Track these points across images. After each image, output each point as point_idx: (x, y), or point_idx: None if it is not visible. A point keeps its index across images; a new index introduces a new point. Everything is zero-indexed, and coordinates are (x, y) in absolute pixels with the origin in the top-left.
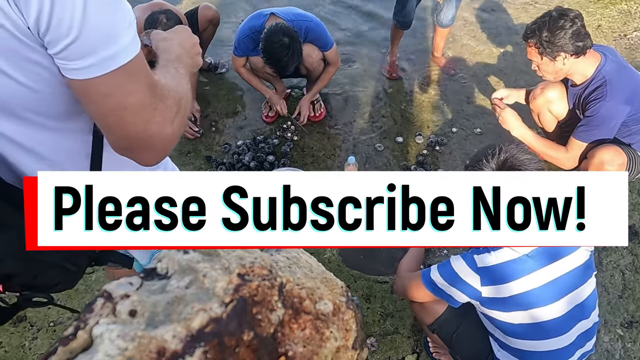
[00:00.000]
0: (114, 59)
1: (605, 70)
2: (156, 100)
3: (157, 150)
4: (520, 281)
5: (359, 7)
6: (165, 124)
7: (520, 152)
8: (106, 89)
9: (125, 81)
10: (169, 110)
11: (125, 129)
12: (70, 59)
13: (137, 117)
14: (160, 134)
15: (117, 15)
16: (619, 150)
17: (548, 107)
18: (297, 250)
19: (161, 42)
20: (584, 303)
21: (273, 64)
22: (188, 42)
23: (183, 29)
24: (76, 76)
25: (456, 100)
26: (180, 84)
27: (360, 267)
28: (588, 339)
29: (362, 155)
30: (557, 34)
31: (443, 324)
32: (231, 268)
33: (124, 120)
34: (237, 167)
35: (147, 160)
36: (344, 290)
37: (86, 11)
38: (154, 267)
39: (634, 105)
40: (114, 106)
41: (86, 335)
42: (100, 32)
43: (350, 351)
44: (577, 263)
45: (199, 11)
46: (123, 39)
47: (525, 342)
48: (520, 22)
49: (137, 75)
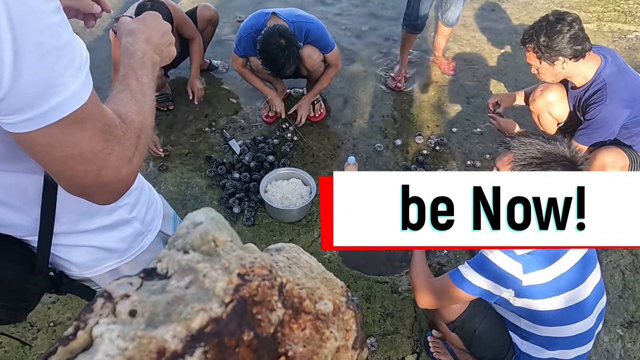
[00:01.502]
0: (55, 111)
1: (605, 73)
2: (111, 144)
3: (113, 192)
4: (557, 264)
5: (359, 7)
6: (122, 167)
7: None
8: (48, 140)
9: (71, 131)
10: (127, 150)
11: (75, 178)
12: (4, 114)
13: (89, 165)
14: (117, 178)
15: (60, 62)
16: (621, 153)
17: (548, 109)
18: (297, 250)
19: (124, 38)
20: (599, 284)
21: (269, 66)
22: (156, 35)
23: (152, 16)
24: (13, 130)
25: (456, 100)
26: (142, 104)
27: (360, 267)
28: (601, 320)
29: (362, 155)
30: (555, 38)
31: (466, 320)
32: (231, 268)
33: (72, 170)
34: (237, 167)
35: (102, 202)
36: (344, 290)
37: (17, 65)
38: (154, 267)
39: (634, 108)
40: (59, 157)
41: (86, 335)
42: (36, 85)
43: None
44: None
45: (198, 11)
46: (68, 87)
47: (556, 329)
48: (520, 21)
49: (87, 122)
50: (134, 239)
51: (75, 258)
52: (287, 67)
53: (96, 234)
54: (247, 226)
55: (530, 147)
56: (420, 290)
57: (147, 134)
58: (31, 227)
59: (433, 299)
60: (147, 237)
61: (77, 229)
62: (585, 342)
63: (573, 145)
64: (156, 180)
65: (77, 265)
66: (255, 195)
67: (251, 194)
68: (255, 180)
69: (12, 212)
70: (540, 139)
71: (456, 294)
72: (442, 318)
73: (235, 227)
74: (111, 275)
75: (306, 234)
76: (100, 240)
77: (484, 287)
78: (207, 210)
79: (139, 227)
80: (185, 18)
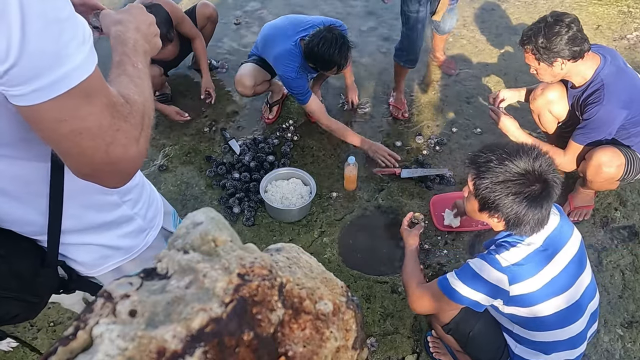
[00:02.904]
0: (63, 81)
1: (603, 73)
2: (118, 121)
3: (123, 173)
4: (541, 274)
5: (359, 7)
6: (130, 145)
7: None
8: (57, 114)
9: (78, 104)
10: (134, 129)
11: (85, 156)
12: (11, 85)
13: (97, 141)
14: (126, 156)
15: (65, 34)
16: (617, 152)
17: (548, 107)
18: (297, 250)
19: (113, 27)
20: (589, 286)
21: (336, 61)
22: (144, 24)
23: (137, 8)
24: (22, 102)
25: (456, 100)
26: (142, 87)
27: (360, 267)
28: (594, 321)
29: (362, 155)
30: (553, 40)
31: (460, 323)
32: (231, 268)
33: (81, 147)
34: (237, 167)
35: (112, 185)
36: (344, 290)
37: (25, 33)
38: (154, 267)
39: (632, 109)
40: (68, 132)
41: (86, 335)
42: (43, 54)
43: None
44: (575, 248)
45: (197, 8)
46: (73, 58)
47: (548, 333)
48: (521, 21)
49: (93, 96)
50: (137, 235)
51: (81, 257)
52: (344, 57)
53: (101, 231)
54: (247, 226)
55: (488, 174)
56: (412, 296)
57: (150, 116)
58: (36, 221)
59: (424, 307)
60: (150, 233)
61: (82, 225)
62: (579, 344)
63: (543, 158)
64: (156, 180)
65: (84, 264)
66: (255, 195)
67: (251, 194)
68: (255, 180)
69: (15, 204)
70: (499, 154)
71: (445, 303)
72: (437, 320)
73: (235, 227)
74: (115, 274)
75: (306, 234)
76: (105, 238)
77: (471, 298)
78: (207, 210)
79: (142, 223)
80: (184, 16)
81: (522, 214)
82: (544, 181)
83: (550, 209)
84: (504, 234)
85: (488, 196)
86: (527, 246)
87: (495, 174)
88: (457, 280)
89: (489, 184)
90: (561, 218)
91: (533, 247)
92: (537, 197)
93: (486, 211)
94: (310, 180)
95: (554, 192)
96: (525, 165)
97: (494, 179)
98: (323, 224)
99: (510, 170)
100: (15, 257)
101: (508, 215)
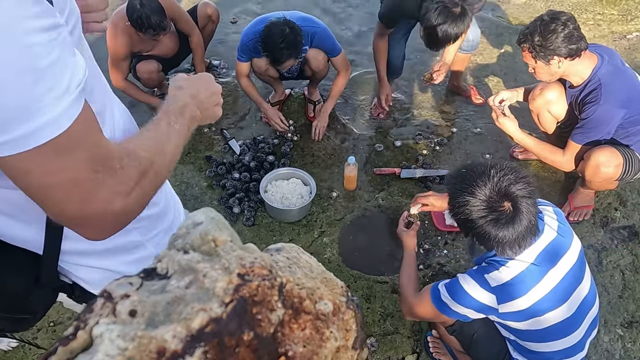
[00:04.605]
0: (31, 137)
1: (600, 73)
2: (102, 176)
3: (103, 227)
4: (533, 291)
5: (359, 7)
6: (114, 200)
7: (515, 180)
8: (23, 166)
9: (49, 159)
10: (124, 183)
11: (55, 207)
12: None
13: (71, 195)
14: (107, 211)
15: (40, 85)
16: (615, 152)
17: (547, 107)
18: (297, 250)
19: (173, 90)
20: (588, 295)
21: (268, 51)
22: (204, 93)
23: (206, 77)
24: None
25: (456, 100)
26: (161, 146)
27: (360, 267)
28: (594, 327)
29: (362, 156)
30: (549, 37)
31: (465, 325)
32: (231, 268)
33: (51, 200)
34: (237, 167)
35: (92, 237)
36: (344, 290)
37: None
38: (154, 267)
39: (630, 108)
40: (35, 184)
41: (86, 335)
42: (8, 109)
43: (350, 351)
44: (574, 258)
45: (198, 8)
46: (48, 111)
47: (542, 345)
48: (521, 22)
49: (71, 149)
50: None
51: (85, 276)
52: (286, 55)
53: (105, 256)
54: (247, 226)
55: (458, 200)
56: (407, 305)
57: (158, 173)
58: (36, 239)
59: (418, 317)
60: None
61: (84, 247)
62: (577, 352)
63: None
64: None
65: (86, 281)
66: (255, 195)
67: (251, 194)
68: (255, 180)
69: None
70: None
71: (437, 316)
72: (442, 322)
73: (235, 227)
74: None
75: (306, 234)
76: (110, 262)
77: (461, 313)
78: (207, 210)
79: (153, 251)
80: (182, 12)
81: (495, 238)
82: (512, 199)
83: (530, 225)
84: (494, 251)
85: (461, 220)
86: (519, 263)
87: (464, 201)
88: (447, 295)
89: (459, 209)
90: (558, 229)
91: (524, 264)
92: (503, 219)
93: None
94: (310, 180)
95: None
96: (488, 192)
97: (463, 208)
98: (323, 224)
99: (476, 198)
100: (6, 274)
101: (483, 239)
